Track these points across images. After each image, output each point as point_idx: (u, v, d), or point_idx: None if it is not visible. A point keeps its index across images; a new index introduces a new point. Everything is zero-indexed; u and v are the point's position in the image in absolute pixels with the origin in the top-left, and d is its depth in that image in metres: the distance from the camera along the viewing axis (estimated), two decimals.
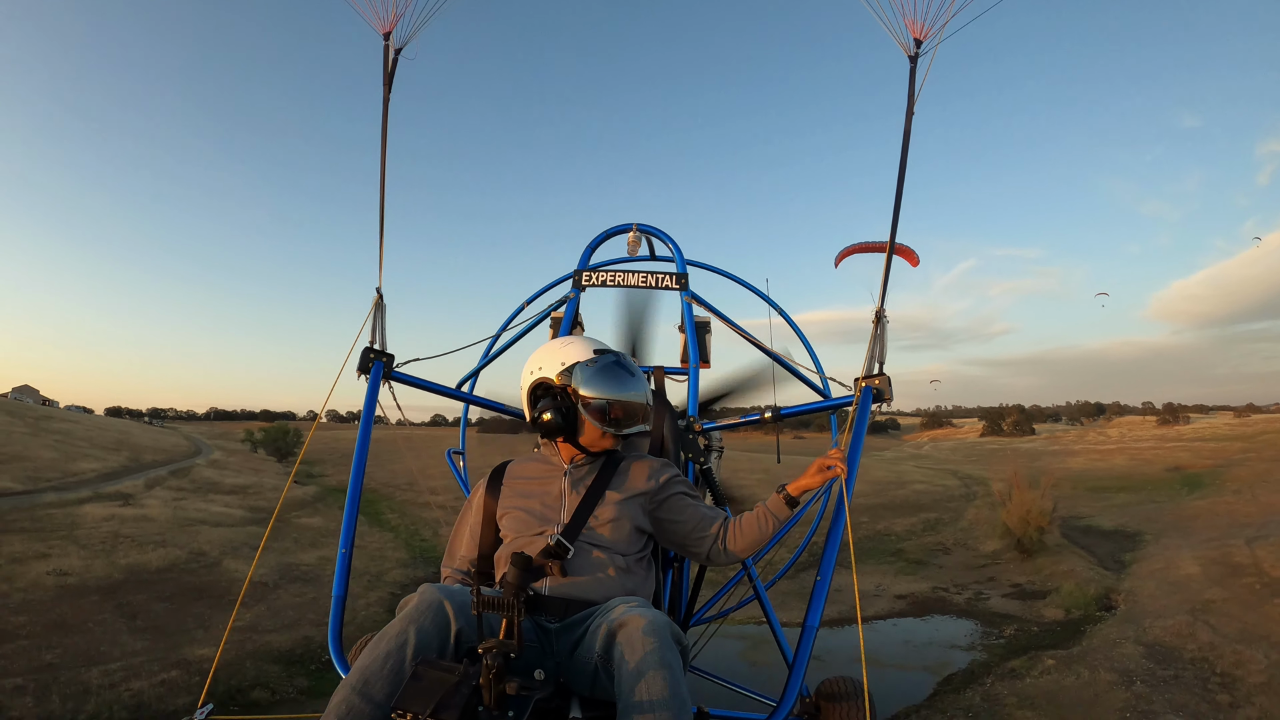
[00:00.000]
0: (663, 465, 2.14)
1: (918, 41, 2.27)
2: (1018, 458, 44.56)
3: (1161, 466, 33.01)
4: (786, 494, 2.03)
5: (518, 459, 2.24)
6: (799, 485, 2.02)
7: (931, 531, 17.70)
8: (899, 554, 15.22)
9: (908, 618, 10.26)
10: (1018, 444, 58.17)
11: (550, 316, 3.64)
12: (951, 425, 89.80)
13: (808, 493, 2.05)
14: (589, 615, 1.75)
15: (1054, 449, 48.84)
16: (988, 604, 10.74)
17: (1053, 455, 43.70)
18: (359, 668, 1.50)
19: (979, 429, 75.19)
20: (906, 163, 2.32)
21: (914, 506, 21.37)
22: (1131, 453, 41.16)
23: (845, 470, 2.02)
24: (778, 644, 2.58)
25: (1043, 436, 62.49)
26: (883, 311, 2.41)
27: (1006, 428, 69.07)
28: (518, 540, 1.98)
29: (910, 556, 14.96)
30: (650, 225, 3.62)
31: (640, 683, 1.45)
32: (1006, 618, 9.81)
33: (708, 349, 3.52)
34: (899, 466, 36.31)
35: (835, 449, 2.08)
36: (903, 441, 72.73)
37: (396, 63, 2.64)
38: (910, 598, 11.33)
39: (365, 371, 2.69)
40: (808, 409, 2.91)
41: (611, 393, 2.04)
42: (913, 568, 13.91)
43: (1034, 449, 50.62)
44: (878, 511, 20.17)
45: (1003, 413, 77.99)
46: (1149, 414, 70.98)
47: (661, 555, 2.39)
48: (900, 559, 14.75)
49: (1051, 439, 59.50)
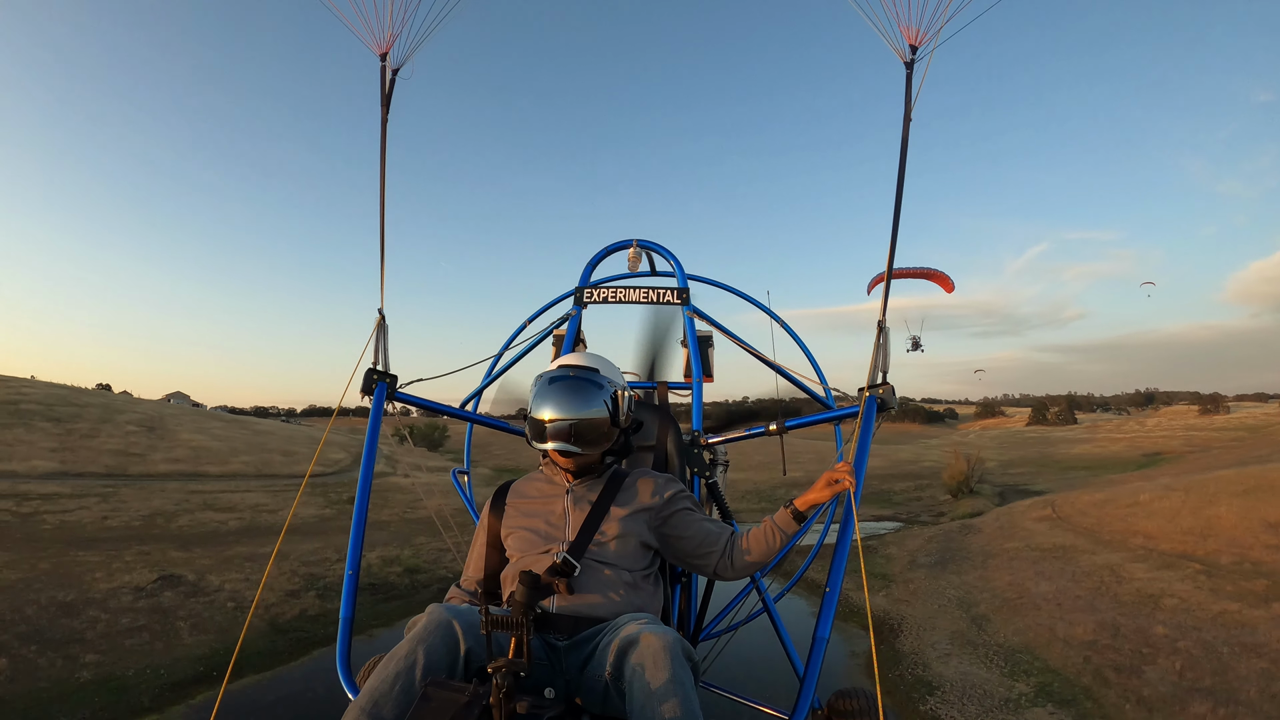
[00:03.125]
0: (667, 481, 2.10)
1: (913, 48, 2.26)
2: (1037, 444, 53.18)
3: (1141, 452, 41.21)
4: (794, 508, 1.97)
5: (521, 478, 2.21)
6: (807, 500, 1.97)
7: (918, 489, 27.95)
8: (889, 501, 25.69)
9: (868, 522, 20.96)
10: (1053, 432, 65.48)
11: (553, 334, 3.60)
12: (1003, 415, 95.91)
13: (814, 507, 1.99)
14: (598, 632, 1.73)
15: (1075, 438, 56.40)
16: (917, 517, 21.27)
17: (1067, 443, 51.77)
18: (368, 689, 1.49)
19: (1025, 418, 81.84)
20: (905, 168, 2.30)
21: (915, 475, 31.47)
22: (1134, 441, 48.76)
23: (854, 483, 1.96)
24: (788, 656, 2.51)
25: (1082, 426, 68.90)
26: (884, 321, 2.37)
27: (1050, 417, 75.57)
28: (524, 559, 1.95)
29: (895, 502, 25.43)
30: (650, 241, 3.62)
31: (652, 700, 1.44)
32: (918, 520, 20.35)
33: (710, 363, 3.43)
34: (927, 451, 45.59)
35: (843, 462, 2.02)
36: (954, 430, 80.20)
37: (394, 83, 2.64)
38: (880, 517, 21.97)
39: (369, 393, 2.64)
40: (813, 420, 2.77)
41: (543, 411, 2.00)
42: (892, 507, 24.42)
43: (1060, 437, 58.33)
44: (888, 479, 30.45)
45: (1048, 403, 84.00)
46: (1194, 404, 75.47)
47: (669, 570, 2.34)
48: (889, 504, 25.24)
49: (1091, 428, 66.27)
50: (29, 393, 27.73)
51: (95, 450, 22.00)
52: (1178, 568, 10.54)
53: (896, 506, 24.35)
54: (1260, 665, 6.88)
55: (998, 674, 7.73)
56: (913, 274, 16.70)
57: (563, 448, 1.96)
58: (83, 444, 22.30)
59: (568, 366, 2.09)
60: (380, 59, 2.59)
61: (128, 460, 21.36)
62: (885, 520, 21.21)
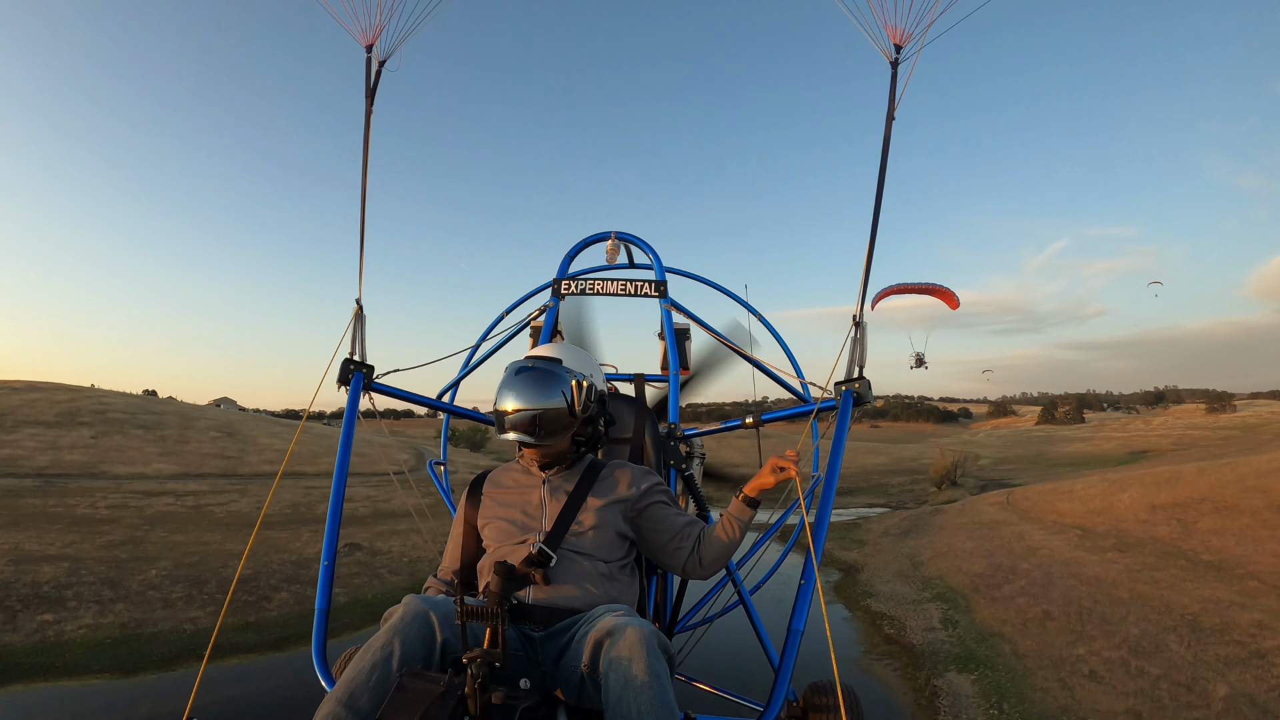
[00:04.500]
0: (644, 473, 2.12)
1: (898, 47, 2.27)
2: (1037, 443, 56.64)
3: (1129, 450, 44.80)
4: (745, 495, 2.02)
5: (498, 468, 2.22)
6: (754, 485, 2.01)
7: (912, 483, 32.18)
8: (885, 492, 30.03)
9: (863, 509, 25.39)
10: (1059, 431, 68.77)
11: (530, 325, 3.61)
12: (1014, 414, 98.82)
13: (764, 492, 2.03)
14: (574, 624, 1.73)
15: (1076, 436, 59.74)
16: (903, 504, 25.64)
17: (1065, 441, 55.33)
18: (344, 680, 1.50)
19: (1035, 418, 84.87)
20: (886, 167, 2.32)
21: (913, 471, 35.68)
22: (1128, 440, 52.16)
23: (798, 472, 1.98)
24: (763, 648, 2.54)
25: (1088, 425, 71.91)
26: (861, 316, 2.39)
27: (1059, 417, 78.68)
28: (500, 549, 1.97)
29: (889, 493, 29.77)
30: (629, 233, 3.65)
31: (627, 692, 1.46)
32: (904, 506, 24.73)
33: (687, 355, 3.48)
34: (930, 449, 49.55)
35: (791, 449, 2.03)
36: (966, 430, 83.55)
37: (379, 75, 2.64)
38: (873, 504, 26.37)
39: (345, 383, 2.64)
40: (789, 414, 2.83)
41: (505, 402, 2.01)
42: (886, 496, 28.78)
43: (1062, 435, 61.69)
44: (889, 474, 34.77)
45: (1059, 402, 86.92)
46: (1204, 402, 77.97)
47: (645, 562, 2.34)
48: (884, 494, 29.58)
49: (1096, 427, 69.36)
50: (110, 402, 31.46)
51: (196, 454, 25.47)
52: (1064, 534, 14.88)
53: (889, 496, 28.70)
54: (1071, 583, 11.26)
55: (914, 589, 12.22)
56: (916, 289, 17.33)
57: (522, 438, 1.99)
58: (180, 449, 25.97)
59: (531, 358, 2.10)
60: (366, 50, 2.62)
61: (228, 463, 25.01)
62: (877, 507, 25.58)
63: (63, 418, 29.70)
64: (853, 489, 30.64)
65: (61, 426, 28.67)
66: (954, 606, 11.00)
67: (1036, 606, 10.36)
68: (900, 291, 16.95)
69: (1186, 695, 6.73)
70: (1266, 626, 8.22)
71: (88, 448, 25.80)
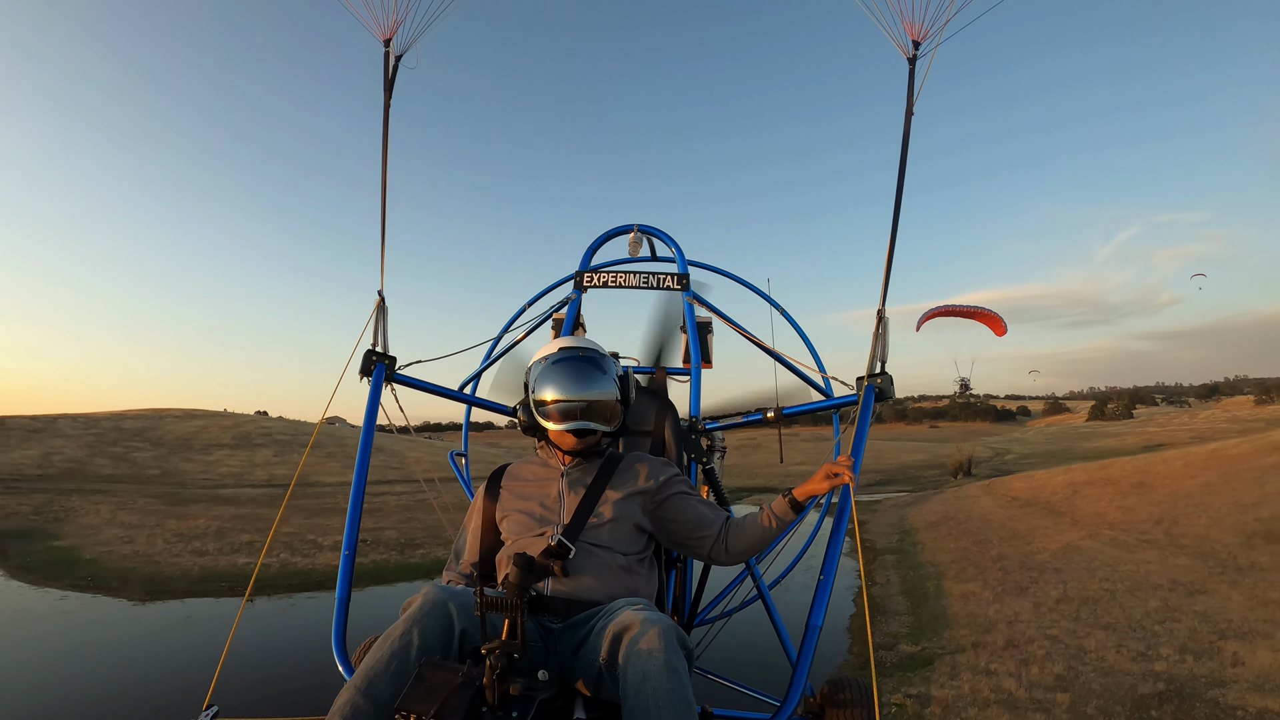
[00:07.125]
0: (663, 465, 2.15)
1: (916, 43, 2.28)
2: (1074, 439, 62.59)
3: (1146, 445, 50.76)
4: (792, 498, 2.03)
5: (517, 461, 2.25)
6: (805, 490, 2.02)
7: (939, 475, 40.27)
8: (914, 481, 38.41)
9: (891, 494, 34.11)
10: (1103, 427, 73.54)
11: (552, 318, 3.65)
12: (1068, 411, 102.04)
13: (812, 498, 2.05)
14: (592, 616, 1.76)
15: (1114, 431, 64.95)
16: (923, 490, 34.24)
17: (1100, 437, 60.98)
18: (363, 669, 1.53)
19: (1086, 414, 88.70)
20: (906, 163, 2.34)
21: (944, 465, 43.71)
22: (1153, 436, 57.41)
23: (852, 478, 2.00)
24: (781, 644, 2.57)
25: (1135, 420, 75.99)
26: (883, 311, 2.41)
27: (1109, 412, 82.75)
28: (519, 541, 2.00)
29: (917, 482, 38.13)
30: (651, 226, 3.67)
31: (645, 685, 1.48)
32: (923, 491, 33.37)
33: (709, 349, 3.51)
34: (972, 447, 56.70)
35: (843, 456, 2.06)
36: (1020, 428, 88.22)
37: (397, 69, 2.67)
38: (900, 490, 35.01)
39: (367, 374, 2.68)
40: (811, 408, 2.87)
41: (552, 392, 2.04)
42: (911, 485, 37.24)
43: (1104, 431, 66.93)
44: (924, 468, 42.86)
45: (1111, 397, 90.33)
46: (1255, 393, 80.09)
47: (664, 555, 2.37)
48: (913, 483, 37.99)
49: (1143, 422, 73.51)
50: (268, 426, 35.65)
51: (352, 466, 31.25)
52: (1001, 501, 23.53)
53: (915, 485, 37.15)
54: (978, 523, 20.07)
55: (892, 529, 21.36)
56: (961, 313, 18.62)
57: (576, 426, 2.02)
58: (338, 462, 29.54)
59: (573, 348, 2.13)
60: (384, 44, 2.63)
61: (396, 471, 28.65)
62: (902, 492, 34.22)
63: (239, 440, 33.32)
64: (889, 480, 39.16)
65: (243, 448, 32.10)
66: (907, 535, 20.13)
67: (949, 532, 19.36)
68: (946, 314, 19.15)
69: (979, 554, 15.81)
70: (1047, 532, 17.06)
71: (281, 464, 29.92)
